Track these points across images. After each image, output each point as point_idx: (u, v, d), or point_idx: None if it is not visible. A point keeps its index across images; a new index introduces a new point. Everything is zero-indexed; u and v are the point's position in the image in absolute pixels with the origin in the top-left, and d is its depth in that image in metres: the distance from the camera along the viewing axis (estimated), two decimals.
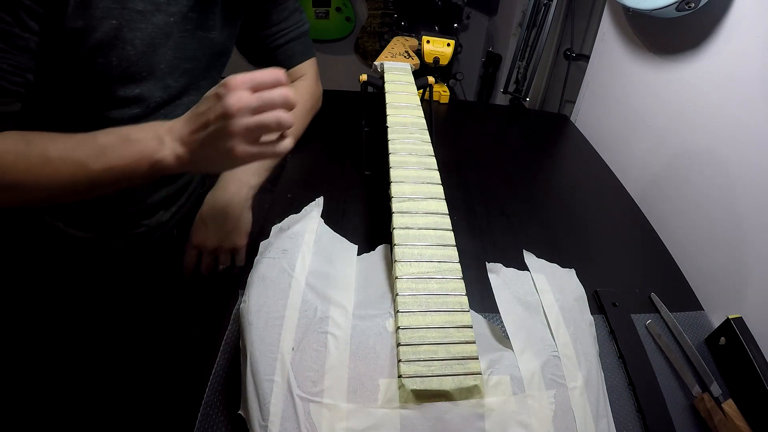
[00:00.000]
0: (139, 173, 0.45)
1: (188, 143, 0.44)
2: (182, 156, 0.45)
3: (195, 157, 0.45)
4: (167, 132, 0.45)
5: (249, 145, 0.43)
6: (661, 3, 0.68)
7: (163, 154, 0.44)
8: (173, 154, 0.45)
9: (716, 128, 0.68)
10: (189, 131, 0.44)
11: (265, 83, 0.42)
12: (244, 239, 0.66)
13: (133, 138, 0.45)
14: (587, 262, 0.63)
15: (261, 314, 0.38)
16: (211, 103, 0.43)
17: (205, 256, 0.64)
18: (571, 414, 0.36)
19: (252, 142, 0.43)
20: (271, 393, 0.34)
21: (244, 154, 0.43)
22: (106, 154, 0.44)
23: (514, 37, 1.46)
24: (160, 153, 0.44)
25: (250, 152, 0.43)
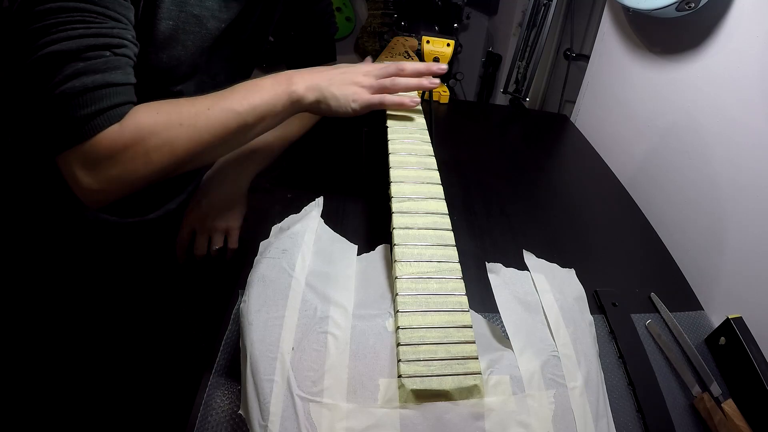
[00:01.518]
0: (281, 107, 0.52)
1: (316, 78, 0.52)
2: (311, 87, 0.52)
3: (323, 92, 0.52)
4: (294, 72, 0.53)
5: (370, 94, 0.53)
6: (661, 3, 0.68)
7: (296, 86, 0.51)
8: (304, 86, 0.52)
9: (716, 128, 0.68)
10: (317, 71, 0.54)
11: None
12: (238, 221, 0.68)
13: (266, 81, 0.52)
14: (587, 262, 0.63)
15: (261, 314, 0.38)
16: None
17: (198, 236, 0.66)
18: (571, 414, 0.36)
19: (372, 92, 0.53)
20: (271, 393, 0.34)
21: (366, 97, 0.52)
22: (248, 97, 0.50)
23: (514, 37, 1.46)
24: (293, 86, 0.51)
25: (371, 99, 0.53)
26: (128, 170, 0.45)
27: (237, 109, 0.49)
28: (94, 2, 0.41)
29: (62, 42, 0.40)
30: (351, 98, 0.52)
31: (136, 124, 0.44)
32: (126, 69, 0.44)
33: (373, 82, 0.54)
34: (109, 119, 0.43)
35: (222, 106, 0.49)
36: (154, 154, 0.46)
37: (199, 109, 0.48)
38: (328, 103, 0.53)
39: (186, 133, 0.47)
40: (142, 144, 0.44)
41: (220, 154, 0.53)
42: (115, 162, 0.44)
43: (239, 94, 0.50)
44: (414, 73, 0.55)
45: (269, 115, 0.52)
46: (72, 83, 0.41)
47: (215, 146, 0.50)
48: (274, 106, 0.51)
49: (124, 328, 0.69)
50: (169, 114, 0.46)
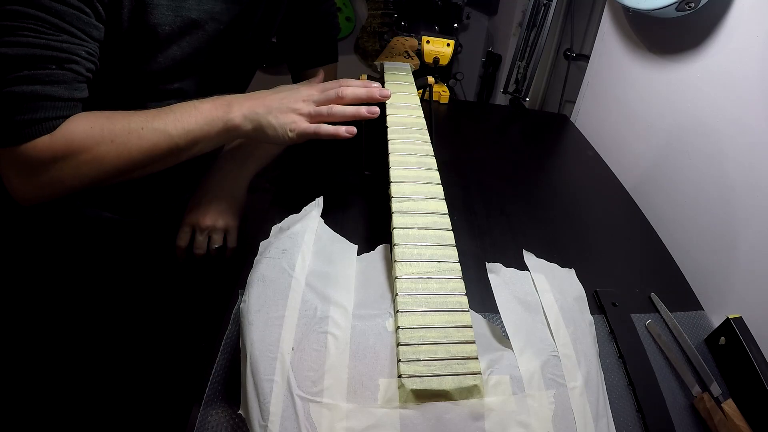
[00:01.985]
0: (215, 133, 0.51)
1: (254, 106, 0.52)
2: (248, 116, 0.51)
3: (260, 121, 0.51)
4: (233, 99, 0.53)
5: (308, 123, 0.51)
6: (661, 3, 0.68)
7: (233, 114, 0.51)
8: (241, 114, 0.51)
9: (716, 128, 0.68)
10: (256, 97, 0.53)
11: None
12: (237, 220, 0.69)
13: (204, 105, 0.51)
14: (587, 262, 0.63)
15: (261, 314, 0.38)
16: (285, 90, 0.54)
17: (198, 235, 0.66)
18: (571, 414, 0.36)
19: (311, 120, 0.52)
20: (271, 393, 0.34)
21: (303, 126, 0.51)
22: (182, 119, 0.50)
23: (514, 37, 1.46)
24: (230, 113, 0.51)
25: (308, 128, 0.51)
26: (56, 179, 0.46)
27: (170, 132, 0.49)
28: (51, 13, 0.41)
29: (11, 47, 0.41)
30: (288, 127, 0.52)
31: (67, 137, 0.45)
32: (71, 84, 0.45)
33: (311, 109, 0.52)
34: (38, 131, 0.43)
35: (155, 126, 0.49)
36: (83, 167, 0.46)
37: (133, 127, 0.48)
38: (264, 132, 0.52)
39: (116, 151, 0.47)
40: (72, 157, 0.45)
41: (151, 171, 0.52)
42: (44, 170, 0.45)
43: (175, 115, 0.50)
44: (353, 100, 0.53)
45: (203, 140, 0.52)
46: (12, 88, 0.41)
47: (144, 165, 0.50)
48: (208, 132, 0.51)
49: (124, 328, 0.69)
50: (102, 129, 0.46)
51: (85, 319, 0.67)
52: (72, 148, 0.45)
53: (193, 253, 0.67)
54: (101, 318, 0.68)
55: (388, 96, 0.55)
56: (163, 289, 0.72)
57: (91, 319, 0.68)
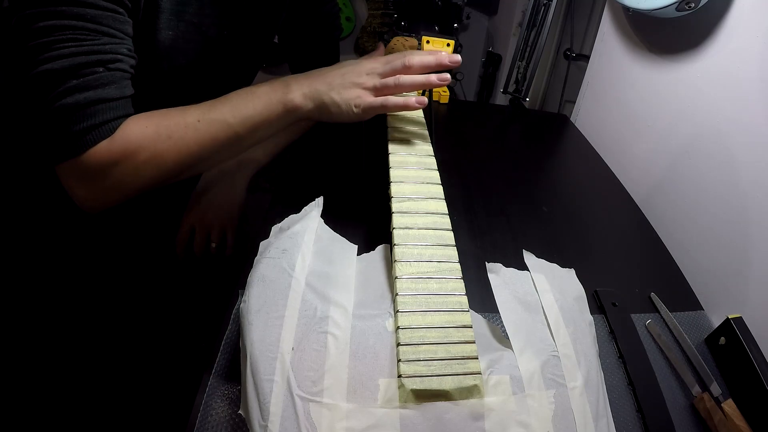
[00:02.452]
0: (275, 117, 0.49)
1: (314, 83, 0.49)
2: (308, 94, 0.49)
3: (322, 98, 0.49)
4: (291, 79, 0.50)
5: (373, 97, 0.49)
6: (661, 3, 0.68)
7: (292, 94, 0.49)
8: (301, 93, 0.49)
9: (716, 128, 0.68)
10: (316, 75, 0.50)
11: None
12: (236, 218, 0.69)
13: (261, 89, 0.50)
14: (587, 262, 0.63)
15: (261, 314, 0.38)
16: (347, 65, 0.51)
17: (197, 233, 0.66)
18: (571, 414, 0.36)
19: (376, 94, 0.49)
20: (271, 393, 0.34)
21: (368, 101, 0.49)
22: (240, 107, 0.48)
23: (514, 37, 1.46)
24: (289, 94, 0.49)
25: (374, 102, 0.49)
26: (119, 183, 0.46)
27: (228, 121, 0.48)
28: (86, 19, 0.41)
29: (56, 60, 0.41)
30: (353, 103, 0.49)
31: (125, 138, 0.44)
32: (120, 83, 0.45)
33: (376, 82, 0.50)
34: (100, 135, 0.43)
35: (212, 117, 0.48)
36: (143, 167, 0.46)
37: (189, 121, 0.47)
38: (328, 110, 0.50)
39: (175, 147, 0.47)
40: (131, 159, 0.45)
41: (213, 164, 0.52)
42: (106, 175, 0.45)
43: (231, 103, 0.49)
44: (421, 68, 0.50)
45: (263, 126, 0.50)
46: (65, 100, 0.41)
47: (206, 158, 0.50)
48: (268, 116, 0.49)
49: (123, 328, 0.69)
50: (157, 127, 0.46)
51: (85, 319, 0.67)
52: (131, 149, 0.45)
53: (193, 252, 0.67)
54: (101, 317, 0.68)
55: (458, 62, 0.51)
56: (163, 289, 0.73)
57: (91, 318, 0.68)
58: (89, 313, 0.67)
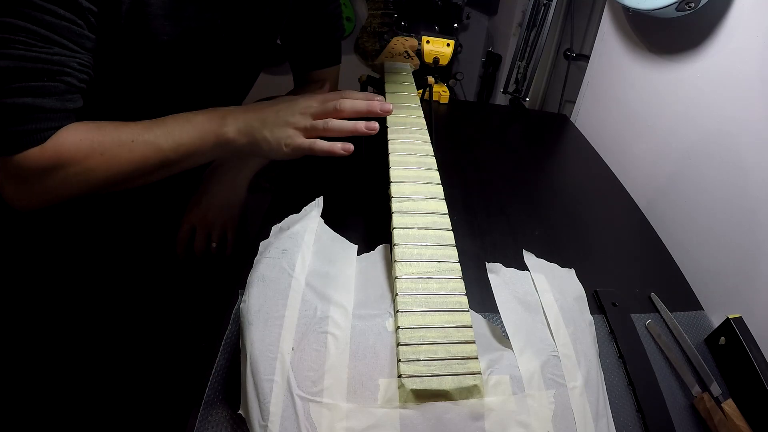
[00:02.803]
0: (207, 148, 0.50)
1: (250, 119, 0.50)
2: (242, 130, 0.50)
3: (255, 136, 0.50)
4: (228, 111, 0.51)
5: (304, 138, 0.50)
6: (661, 3, 0.68)
7: (227, 128, 0.50)
8: (235, 128, 0.50)
9: (716, 128, 0.68)
10: (252, 110, 0.51)
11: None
12: (237, 218, 0.69)
13: (198, 118, 0.50)
14: (587, 262, 0.63)
15: (261, 314, 0.38)
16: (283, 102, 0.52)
17: (198, 233, 0.67)
18: (571, 414, 0.36)
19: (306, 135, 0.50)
20: (271, 393, 0.34)
21: (298, 142, 0.50)
22: (174, 133, 0.49)
23: (514, 37, 1.46)
24: (224, 127, 0.50)
25: (302, 144, 0.50)
26: (47, 189, 0.46)
27: (161, 145, 0.48)
28: (42, 26, 0.41)
29: (2, 59, 0.40)
30: (283, 142, 0.50)
31: (56, 149, 0.44)
32: (63, 96, 0.44)
33: (307, 123, 0.50)
34: (29, 142, 0.43)
35: (146, 138, 0.48)
36: (73, 179, 0.46)
37: (123, 140, 0.47)
38: (259, 146, 0.51)
39: (105, 164, 0.46)
40: (60, 170, 0.45)
41: (144, 183, 0.51)
42: (35, 180, 0.45)
43: (167, 128, 0.49)
44: (352, 113, 0.51)
45: (195, 154, 0.50)
46: (3, 100, 0.41)
47: (135, 177, 0.49)
48: (200, 146, 0.50)
49: (123, 328, 0.69)
50: (92, 142, 0.46)
51: (85, 319, 0.67)
52: (61, 160, 0.45)
53: (193, 252, 0.67)
54: (101, 317, 0.68)
55: (389, 111, 0.52)
56: (163, 289, 0.72)
57: (91, 318, 0.68)
58: (89, 314, 0.67)
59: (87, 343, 0.68)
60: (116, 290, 0.69)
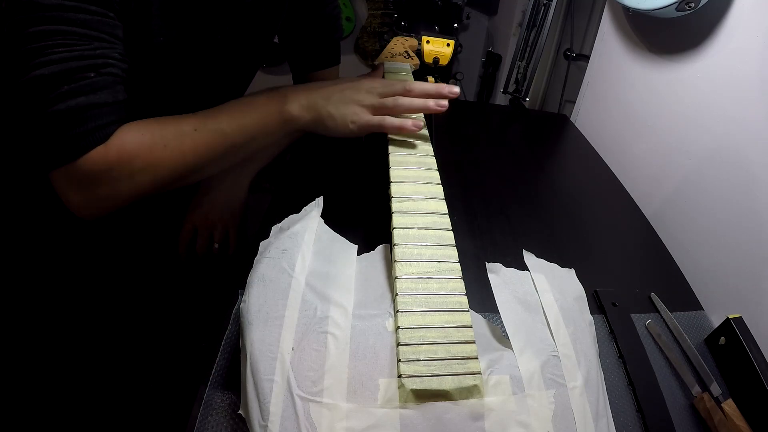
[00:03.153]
0: (272, 127, 0.50)
1: (313, 96, 0.50)
2: (306, 106, 0.49)
3: (320, 112, 0.50)
4: (289, 90, 0.51)
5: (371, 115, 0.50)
6: (661, 3, 0.68)
7: (289, 105, 0.49)
8: (298, 104, 0.49)
9: (716, 128, 0.68)
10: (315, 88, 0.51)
11: None
12: (239, 218, 0.69)
13: (259, 99, 0.50)
14: (587, 262, 0.63)
15: (261, 314, 0.38)
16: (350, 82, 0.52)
17: (200, 233, 0.67)
18: (571, 414, 0.36)
19: (374, 112, 0.50)
20: (271, 393, 0.34)
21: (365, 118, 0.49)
22: (237, 116, 0.49)
23: (514, 37, 1.46)
24: (287, 104, 0.49)
25: (370, 120, 0.49)
26: (114, 190, 0.46)
27: (225, 130, 0.48)
28: (77, 24, 0.41)
29: (47, 66, 0.40)
30: (349, 119, 0.50)
31: (120, 145, 0.44)
32: (113, 87, 0.44)
33: (374, 101, 0.50)
34: (93, 141, 0.43)
35: (209, 126, 0.47)
36: (139, 175, 0.46)
37: (185, 130, 0.47)
38: (324, 123, 0.50)
39: (170, 155, 0.46)
40: (126, 166, 0.44)
41: (210, 173, 0.51)
42: (101, 182, 0.45)
43: (228, 112, 0.48)
44: (421, 94, 0.51)
45: (260, 136, 0.50)
46: (58, 106, 0.41)
47: (202, 167, 0.49)
48: (265, 126, 0.50)
49: (123, 328, 0.69)
50: (153, 135, 0.45)
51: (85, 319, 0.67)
52: (126, 156, 0.44)
53: (195, 252, 0.67)
54: (101, 317, 0.68)
55: (456, 94, 0.52)
56: (163, 289, 0.73)
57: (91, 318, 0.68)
58: (90, 314, 0.67)
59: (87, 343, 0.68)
60: (117, 290, 0.69)
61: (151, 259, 0.71)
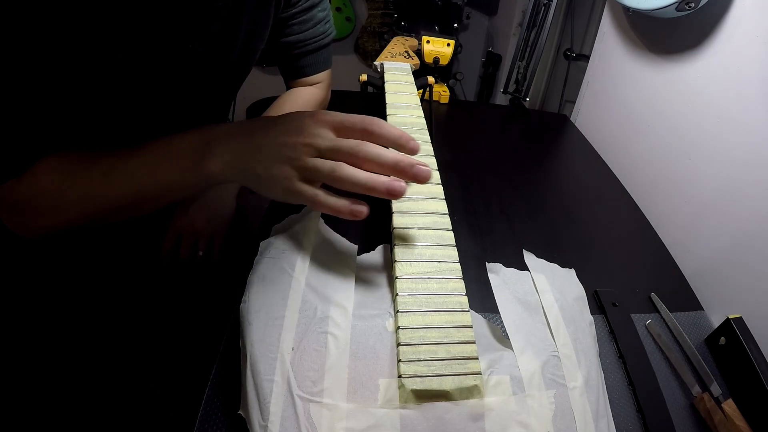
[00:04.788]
0: (188, 182, 0.42)
1: (241, 149, 0.40)
2: (231, 163, 0.40)
3: (245, 173, 0.40)
4: (215, 136, 0.41)
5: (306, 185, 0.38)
6: (661, 3, 0.68)
7: (211, 162, 0.40)
8: (221, 162, 0.40)
9: (716, 128, 0.68)
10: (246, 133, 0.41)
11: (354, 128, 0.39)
12: (225, 226, 0.67)
13: (178, 146, 0.42)
14: (587, 262, 0.63)
15: (261, 314, 0.38)
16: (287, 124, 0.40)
17: (184, 239, 0.65)
18: (571, 414, 0.36)
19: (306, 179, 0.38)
20: (271, 393, 0.34)
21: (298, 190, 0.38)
22: (150, 165, 0.43)
23: (514, 37, 1.46)
24: (208, 161, 0.40)
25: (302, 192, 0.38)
26: (34, 221, 0.46)
27: (135, 180, 0.43)
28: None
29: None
30: (281, 185, 0.38)
31: (31, 181, 0.43)
32: (38, 117, 0.43)
33: (309, 163, 0.38)
34: (9, 173, 0.43)
35: (122, 171, 0.43)
36: (49, 213, 0.45)
37: (94, 174, 0.43)
38: (251, 184, 0.41)
39: (77, 198, 0.44)
40: (35, 202, 0.44)
41: (127, 217, 0.46)
42: (21, 211, 0.45)
43: (144, 158, 0.43)
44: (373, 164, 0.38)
45: (176, 190, 0.43)
46: None
47: (112, 214, 0.45)
48: (180, 180, 0.42)
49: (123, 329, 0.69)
50: (62, 174, 0.43)
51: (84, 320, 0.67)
52: (34, 193, 0.43)
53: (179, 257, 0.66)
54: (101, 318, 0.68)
55: (426, 177, 0.39)
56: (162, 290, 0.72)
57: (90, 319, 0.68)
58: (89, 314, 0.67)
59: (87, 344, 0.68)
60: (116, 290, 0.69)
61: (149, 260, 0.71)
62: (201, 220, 0.65)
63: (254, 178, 0.40)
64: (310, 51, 0.70)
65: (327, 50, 0.73)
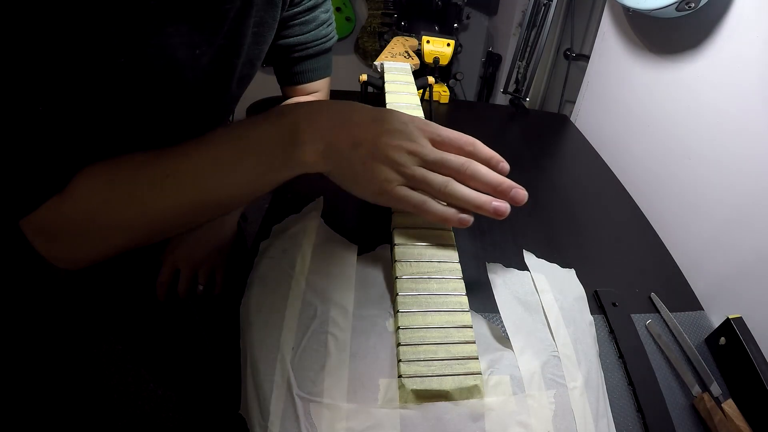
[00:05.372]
0: (273, 177, 0.38)
1: (338, 138, 0.36)
2: (327, 153, 0.36)
3: (341, 169, 0.37)
4: (304, 116, 0.37)
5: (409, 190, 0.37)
6: (661, 3, 0.68)
7: (302, 149, 0.36)
8: (314, 150, 0.36)
9: (716, 128, 0.68)
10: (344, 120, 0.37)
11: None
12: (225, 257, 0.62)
13: (260, 127, 0.37)
14: (587, 262, 0.63)
15: (261, 314, 0.38)
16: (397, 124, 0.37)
17: (183, 274, 0.59)
18: (571, 414, 0.36)
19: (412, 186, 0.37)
20: (271, 393, 0.34)
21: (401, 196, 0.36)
22: (224, 163, 0.37)
23: (514, 37, 1.46)
24: (298, 148, 0.36)
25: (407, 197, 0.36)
26: (79, 246, 0.39)
27: (211, 181, 0.37)
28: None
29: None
30: (379, 186, 0.37)
31: (76, 198, 0.36)
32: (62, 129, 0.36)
33: (417, 172, 0.36)
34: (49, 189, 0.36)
35: (187, 172, 0.36)
36: (99, 234, 0.38)
37: (156, 178, 0.36)
38: (344, 182, 0.38)
39: (136, 210, 0.37)
40: (84, 224, 0.37)
41: (187, 228, 0.40)
42: (64, 237, 0.38)
43: (213, 155, 0.37)
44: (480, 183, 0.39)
45: (264, 185, 0.38)
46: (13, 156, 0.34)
47: (176, 226, 0.39)
48: (272, 177, 0.38)
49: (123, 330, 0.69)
50: (112, 184, 0.37)
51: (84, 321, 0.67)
52: (84, 211, 0.37)
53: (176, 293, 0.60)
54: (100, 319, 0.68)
55: (523, 200, 0.41)
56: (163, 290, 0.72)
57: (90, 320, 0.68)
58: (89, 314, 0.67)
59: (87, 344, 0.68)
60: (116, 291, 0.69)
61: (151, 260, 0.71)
62: (200, 251, 0.58)
63: (350, 173, 0.37)
64: (311, 55, 0.65)
65: (328, 56, 0.68)
